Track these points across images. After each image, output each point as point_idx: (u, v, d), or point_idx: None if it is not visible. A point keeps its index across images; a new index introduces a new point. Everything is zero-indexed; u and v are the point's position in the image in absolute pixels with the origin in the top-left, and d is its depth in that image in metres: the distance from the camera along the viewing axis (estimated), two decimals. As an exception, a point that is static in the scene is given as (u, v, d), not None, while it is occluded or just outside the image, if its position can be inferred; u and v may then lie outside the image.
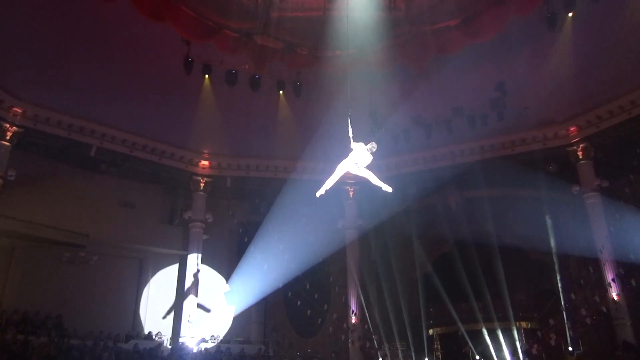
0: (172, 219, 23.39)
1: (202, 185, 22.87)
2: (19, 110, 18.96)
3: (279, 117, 20.67)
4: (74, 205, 20.50)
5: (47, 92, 18.65)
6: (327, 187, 9.41)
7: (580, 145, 20.66)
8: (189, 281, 21.69)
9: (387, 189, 9.51)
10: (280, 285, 22.63)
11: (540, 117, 20.36)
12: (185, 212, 22.78)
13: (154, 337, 20.77)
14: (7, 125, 18.78)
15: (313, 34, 16.56)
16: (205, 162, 23.07)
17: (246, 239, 23.81)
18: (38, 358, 17.43)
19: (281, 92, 19.56)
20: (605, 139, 20.21)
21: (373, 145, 9.22)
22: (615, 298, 18.46)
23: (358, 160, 9.30)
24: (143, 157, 21.54)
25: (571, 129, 20.76)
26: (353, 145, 9.38)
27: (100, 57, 17.07)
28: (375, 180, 9.49)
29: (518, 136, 21.36)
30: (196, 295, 21.52)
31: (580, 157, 20.73)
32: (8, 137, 18.83)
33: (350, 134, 9.54)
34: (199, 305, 21.65)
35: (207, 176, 23.05)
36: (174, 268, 22.83)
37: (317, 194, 9.41)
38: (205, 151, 22.99)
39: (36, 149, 19.95)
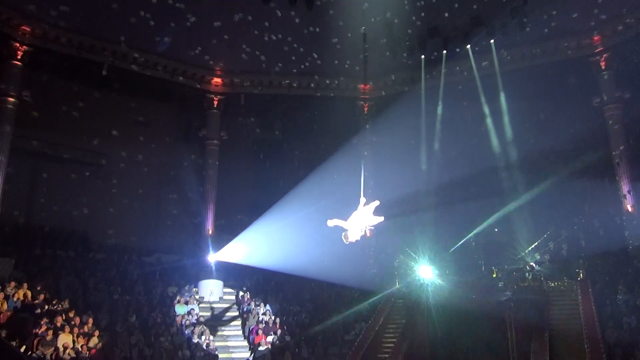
0: (187, 137, 23.53)
1: (215, 103, 22.77)
2: (28, 29, 18.74)
3: (291, 32, 20.13)
4: (90, 124, 20.72)
5: (55, 10, 18.22)
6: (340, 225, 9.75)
7: (604, 56, 19.97)
8: (207, 198, 22.14)
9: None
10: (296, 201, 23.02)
11: (563, 26, 19.57)
12: (200, 130, 22.86)
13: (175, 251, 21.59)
14: (17, 44, 18.66)
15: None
16: (217, 80, 22.80)
17: (262, 156, 24.01)
18: (66, 272, 18.35)
19: (293, 4, 18.84)
20: (631, 49, 19.43)
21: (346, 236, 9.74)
22: (630, 209, 18.51)
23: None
24: (155, 75, 21.34)
25: (595, 38, 19.97)
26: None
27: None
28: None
29: (539, 47, 20.64)
30: (214, 212, 22.04)
31: (603, 68, 20.09)
32: (19, 57, 18.76)
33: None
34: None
35: (221, 94, 22.89)
36: (192, 186, 23.18)
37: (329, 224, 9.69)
38: (218, 68, 22.66)
39: (49, 69, 19.88)
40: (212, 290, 20.46)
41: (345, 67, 21.81)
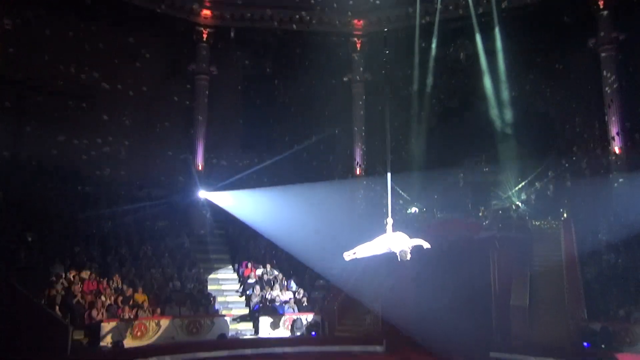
0: (176, 71, 23.02)
1: (205, 36, 22.16)
2: (6, -47, 17.93)
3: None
4: (77, 56, 20.14)
5: None
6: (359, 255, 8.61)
7: (605, -7, 19.53)
8: (197, 134, 21.95)
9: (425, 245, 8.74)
10: (287, 138, 23.03)
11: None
12: (190, 64, 22.37)
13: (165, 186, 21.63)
14: (-4, -29, 17.88)
15: None
16: (207, 12, 22.06)
17: (252, 92, 23.72)
18: (56, 205, 18.36)
19: None
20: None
21: (406, 254, 8.47)
22: (617, 151, 18.64)
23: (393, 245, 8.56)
24: (142, 5, 20.59)
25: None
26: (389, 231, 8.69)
27: None
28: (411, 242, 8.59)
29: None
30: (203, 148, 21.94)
31: (602, 6, 19.64)
32: (-1, -18, 18.02)
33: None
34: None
35: (210, 26, 22.20)
36: (182, 121, 22.94)
37: (346, 257, 8.65)
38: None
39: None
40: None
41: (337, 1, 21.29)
